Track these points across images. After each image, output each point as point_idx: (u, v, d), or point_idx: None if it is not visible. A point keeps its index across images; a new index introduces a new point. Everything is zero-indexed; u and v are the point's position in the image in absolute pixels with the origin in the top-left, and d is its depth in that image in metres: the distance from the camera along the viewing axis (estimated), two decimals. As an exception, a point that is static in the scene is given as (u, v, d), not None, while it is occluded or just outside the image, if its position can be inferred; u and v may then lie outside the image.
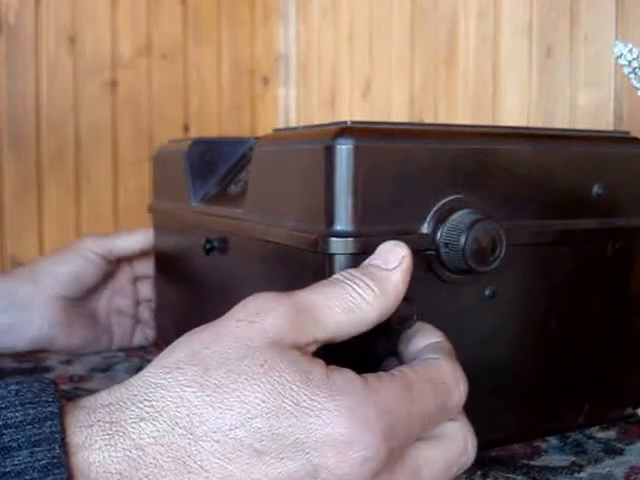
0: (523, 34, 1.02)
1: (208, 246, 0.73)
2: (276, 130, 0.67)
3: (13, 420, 0.39)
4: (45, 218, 1.39)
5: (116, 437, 0.40)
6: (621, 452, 0.61)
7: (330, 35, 1.48)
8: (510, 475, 0.57)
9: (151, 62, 1.49)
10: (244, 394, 0.40)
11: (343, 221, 0.51)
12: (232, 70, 1.58)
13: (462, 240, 0.52)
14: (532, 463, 0.59)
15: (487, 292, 0.57)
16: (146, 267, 0.99)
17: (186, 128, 1.53)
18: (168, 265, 0.92)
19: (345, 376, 0.42)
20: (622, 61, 0.64)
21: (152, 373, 0.43)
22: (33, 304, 0.90)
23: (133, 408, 0.41)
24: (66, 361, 0.91)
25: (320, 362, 0.43)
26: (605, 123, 0.90)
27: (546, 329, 0.61)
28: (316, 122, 1.44)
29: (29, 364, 0.90)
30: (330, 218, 0.52)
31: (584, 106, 0.93)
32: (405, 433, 0.42)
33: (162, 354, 0.44)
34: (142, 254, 0.98)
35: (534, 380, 0.62)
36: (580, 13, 0.94)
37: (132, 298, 1.00)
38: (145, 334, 1.00)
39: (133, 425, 0.40)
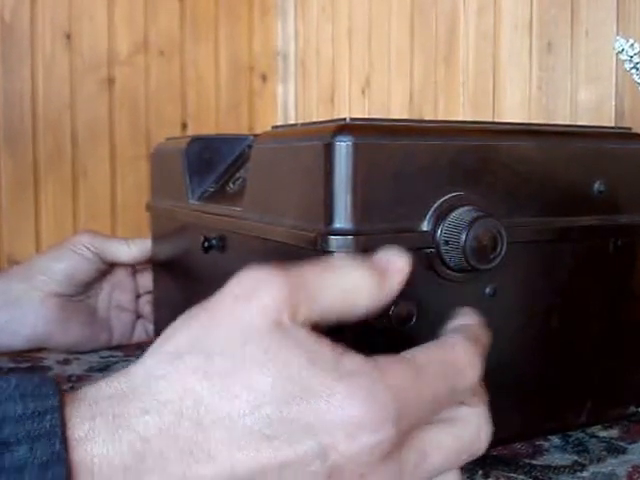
0: (523, 30, 1.02)
1: (206, 244, 0.73)
2: (275, 127, 0.67)
3: (12, 414, 0.38)
4: (42, 217, 1.39)
5: (120, 430, 0.39)
6: (624, 451, 0.61)
7: (329, 31, 1.48)
8: (512, 474, 0.57)
9: (148, 59, 1.49)
10: (250, 382, 0.40)
11: (342, 219, 0.51)
12: (230, 67, 1.58)
13: (462, 238, 0.52)
14: (534, 462, 0.59)
15: (488, 290, 0.57)
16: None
17: (184, 126, 1.53)
18: (166, 264, 0.92)
19: (354, 359, 0.42)
20: (623, 56, 0.64)
21: (152, 364, 0.42)
22: (28, 302, 0.90)
23: (135, 401, 0.40)
24: (63, 361, 0.91)
25: (327, 342, 0.42)
26: (606, 119, 0.90)
27: (547, 327, 0.61)
28: (315, 119, 1.44)
29: (26, 364, 0.90)
30: (329, 216, 0.52)
31: (585, 102, 0.93)
32: (414, 416, 0.42)
33: (159, 340, 0.44)
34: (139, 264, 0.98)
35: (535, 378, 0.62)
36: (581, 8, 0.94)
37: (132, 292, 1.00)
38: (145, 329, 1.00)
39: (137, 418, 0.40)
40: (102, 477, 0.39)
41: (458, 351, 0.45)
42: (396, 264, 0.47)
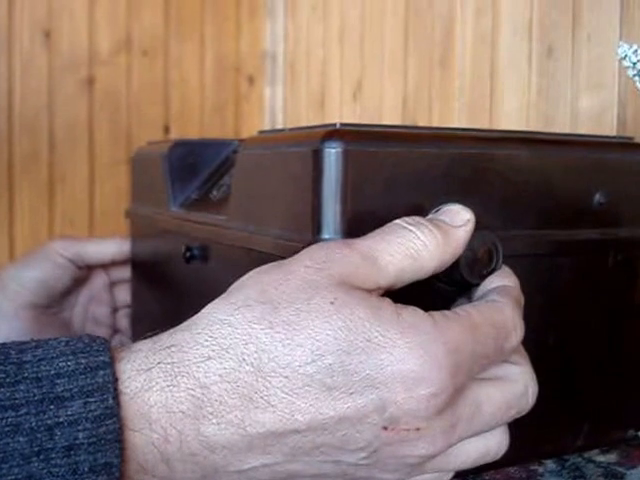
0: (523, 33, 1.03)
1: (188, 254, 0.72)
2: (261, 132, 0.67)
3: (65, 369, 0.41)
4: (16, 223, 1.38)
5: (179, 378, 0.42)
6: (622, 477, 0.61)
7: (320, 32, 1.48)
8: (505, 499, 0.57)
9: (130, 59, 1.49)
10: (315, 331, 0.43)
11: (331, 229, 0.51)
12: (216, 68, 1.58)
13: (456, 251, 0.52)
14: (528, 487, 0.59)
15: (482, 305, 0.57)
16: (123, 271, 0.98)
17: (166, 129, 1.52)
18: (146, 274, 0.92)
19: (415, 314, 0.45)
20: (626, 63, 0.64)
21: (219, 309, 0.45)
22: (0, 313, 0.89)
23: (197, 347, 0.43)
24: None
25: (388, 300, 0.45)
26: (608, 128, 0.90)
27: (544, 345, 0.61)
28: (304, 124, 1.44)
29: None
30: (317, 226, 0.52)
31: (586, 110, 0.93)
32: (467, 372, 0.45)
33: (229, 291, 0.47)
34: (117, 264, 0.97)
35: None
36: (583, 12, 0.94)
37: (109, 305, 0.99)
38: (122, 344, 0.99)
39: (198, 365, 0.42)
40: (160, 425, 0.42)
41: (507, 314, 0.49)
42: (459, 219, 0.51)
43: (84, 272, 0.96)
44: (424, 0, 1.21)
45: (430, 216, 0.52)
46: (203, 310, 0.46)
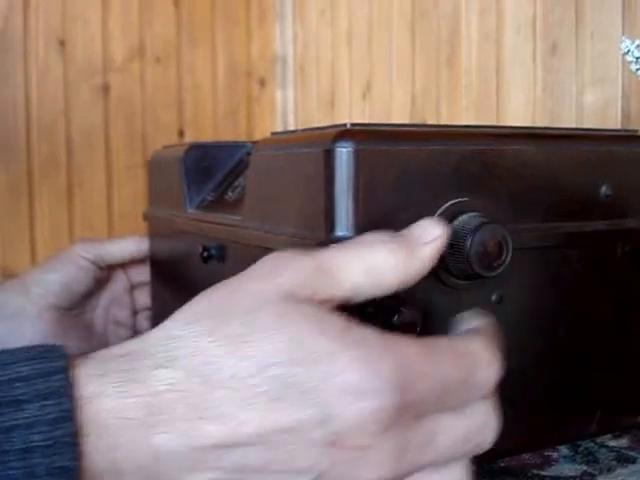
0: (527, 31, 1.03)
1: (205, 254, 0.73)
2: (274, 134, 0.67)
3: (23, 374, 0.41)
4: (37, 227, 1.39)
5: (130, 384, 0.42)
6: (634, 461, 0.61)
7: (328, 35, 1.49)
8: (520, 486, 0.57)
9: (144, 65, 1.49)
10: (261, 344, 0.42)
11: (344, 227, 0.52)
12: (228, 72, 1.59)
13: (467, 244, 0.52)
14: (542, 473, 0.59)
15: (493, 297, 0.57)
16: (142, 274, 0.99)
17: (181, 133, 1.53)
18: (165, 275, 0.92)
19: (363, 330, 0.43)
20: (629, 58, 0.64)
21: (171, 326, 0.45)
22: (25, 316, 0.90)
23: (148, 358, 0.43)
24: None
25: (337, 314, 0.44)
26: (613, 122, 0.90)
27: (555, 335, 0.61)
28: (315, 125, 1.44)
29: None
30: (330, 224, 0.52)
31: (591, 104, 0.94)
32: (421, 393, 0.43)
33: (181, 309, 0.46)
34: (136, 261, 0.98)
35: (543, 388, 0.62)
36: (586, 9, 0.94)
37: (129, 308, 1.00)
38: None
39: (148, 373, 0.42)
40: (113, 430, 0.41)
41: (474, 346, 0.46)
42: (428, 235, 0.48)
43: (105, 273, 0.96)
44: (429, 0, 1.21)
45: (404, 230, 0.49)
46: (158, 326, 0.45)
